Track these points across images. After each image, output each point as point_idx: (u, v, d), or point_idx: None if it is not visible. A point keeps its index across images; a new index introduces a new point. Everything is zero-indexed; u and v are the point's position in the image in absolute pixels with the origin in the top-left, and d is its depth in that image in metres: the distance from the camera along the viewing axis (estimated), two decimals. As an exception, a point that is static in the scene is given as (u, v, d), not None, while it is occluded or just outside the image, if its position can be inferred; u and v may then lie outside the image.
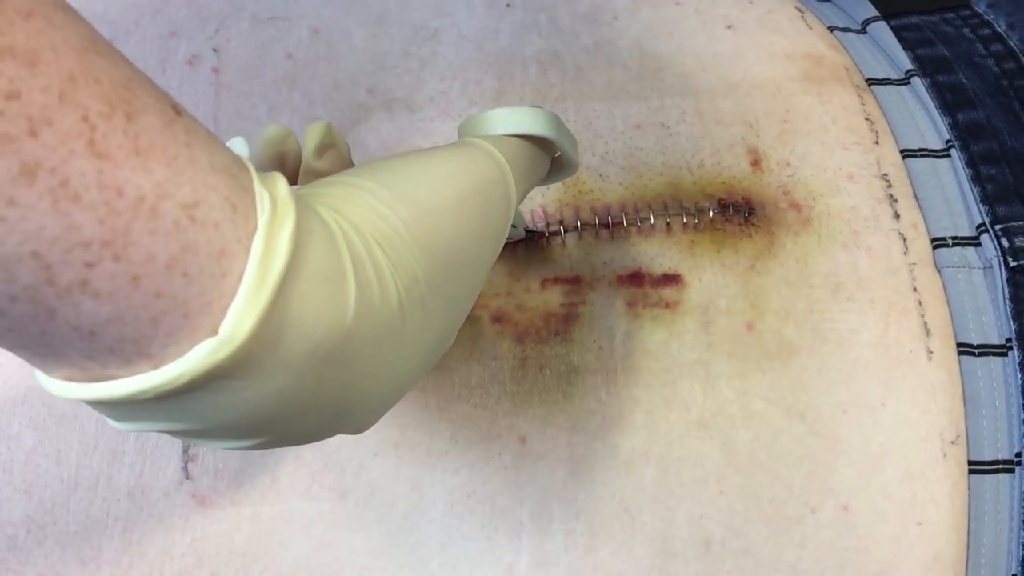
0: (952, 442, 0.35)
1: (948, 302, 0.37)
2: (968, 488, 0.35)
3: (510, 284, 0.36)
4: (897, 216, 0.38)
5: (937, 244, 0.38)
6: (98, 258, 0.16)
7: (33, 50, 0.15)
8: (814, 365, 0.35)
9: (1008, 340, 0.36)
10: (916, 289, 0.37)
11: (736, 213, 0.38)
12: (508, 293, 0.36)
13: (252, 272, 0.17)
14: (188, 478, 0.34)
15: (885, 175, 0.39)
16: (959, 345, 0.36)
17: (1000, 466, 0.35)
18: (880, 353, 0.36)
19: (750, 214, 0.38)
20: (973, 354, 0.36)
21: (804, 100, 0.41)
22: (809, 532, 0.34)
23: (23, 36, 0.15)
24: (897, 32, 0.44)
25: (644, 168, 0.38)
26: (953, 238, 0.38)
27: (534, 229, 0.37)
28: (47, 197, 0.15)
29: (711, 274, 0.36)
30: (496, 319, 0.36)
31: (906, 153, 0.40)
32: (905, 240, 0.38)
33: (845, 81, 0.42)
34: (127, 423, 0.19)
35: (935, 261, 0.37)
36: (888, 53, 0.44)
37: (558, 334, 0.36)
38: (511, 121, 0.26)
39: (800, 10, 0.45)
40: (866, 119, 0.41)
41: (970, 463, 0.35)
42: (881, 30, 0.45)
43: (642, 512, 0.34)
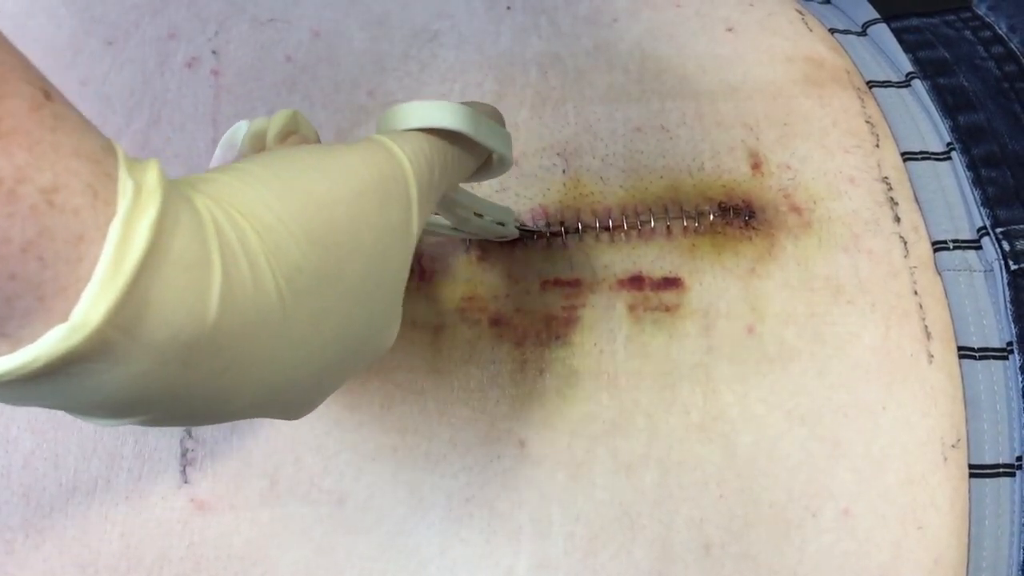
0: (953, 446, 0.35)
1: (949, 305, 0.37)
2: (969, 492, 0.35)
3: (509, 286, 0.36)
4: (898, 219, 0.38)
5: (938, 247, 0.37)
6: None
7: None
8: (815, 369, 0.35)
9: (1009, 343, 0.35)
10: (917, 292, 0.37)
11: (736, 216, 0.37)
12: (507, 295, 0.36)
13: (107, 258, 0.17)
14: (186, 482, 0.34)
15: (886, 178, 0.39)
16: (960, 348, 0.36)
17: (1001, 470, 0.35)
18: (881, 357, 0.36)
19: (750, 217, 0.38)
20: (974, 357, 0.36)
21: (805, 103, 0.41)
22: (809, 536, 0.34)
23: None
24: (898, 34, 0.44)
25: (644, 171, 0.38)
26: (954, 241, 0.38)
27: (534, 229, 0.37)
28: None
29: (711, 277, 0.36)
30: (495, 322, 0.36)
31: (907, 156, 0.40)
32: (906, 243, 0.38)
33: (846, 84, 0.42)
34: (8, 402, 0.19)
35: (936, 264, 0.37)
36: (889, 55, 0.44)
37: (558, 337, 0.35)
38: (419, 115, 0.26)
39: (801, 12, 0.45)
40: (867, 122, 0.41)
41: (971, 467, 0.35)
42: (882, 32, 0.45)
43: (642, 516, 0.34)
